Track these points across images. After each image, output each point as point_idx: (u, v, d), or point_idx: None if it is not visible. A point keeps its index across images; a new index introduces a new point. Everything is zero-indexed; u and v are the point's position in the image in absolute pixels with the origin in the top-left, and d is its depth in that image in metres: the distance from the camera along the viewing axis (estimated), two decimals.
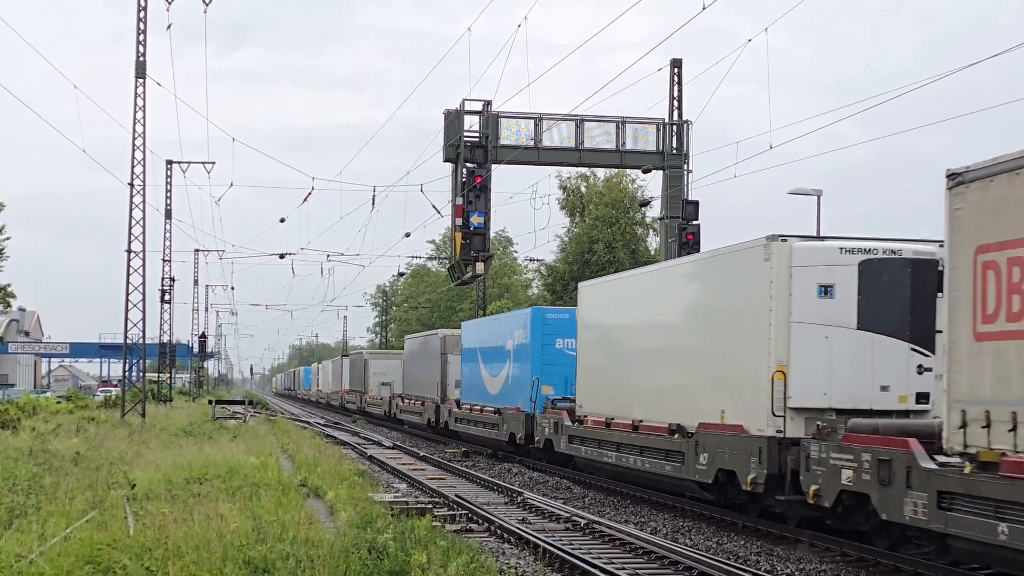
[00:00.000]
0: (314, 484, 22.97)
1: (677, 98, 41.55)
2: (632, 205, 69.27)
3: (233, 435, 36.18)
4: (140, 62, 42.54)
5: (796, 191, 33.85)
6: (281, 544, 13.20)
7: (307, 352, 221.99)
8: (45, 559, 12.07)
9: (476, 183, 39.19)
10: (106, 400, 62.33)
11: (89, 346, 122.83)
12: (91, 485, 19.96)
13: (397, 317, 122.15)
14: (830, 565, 17.25)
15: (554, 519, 21.81)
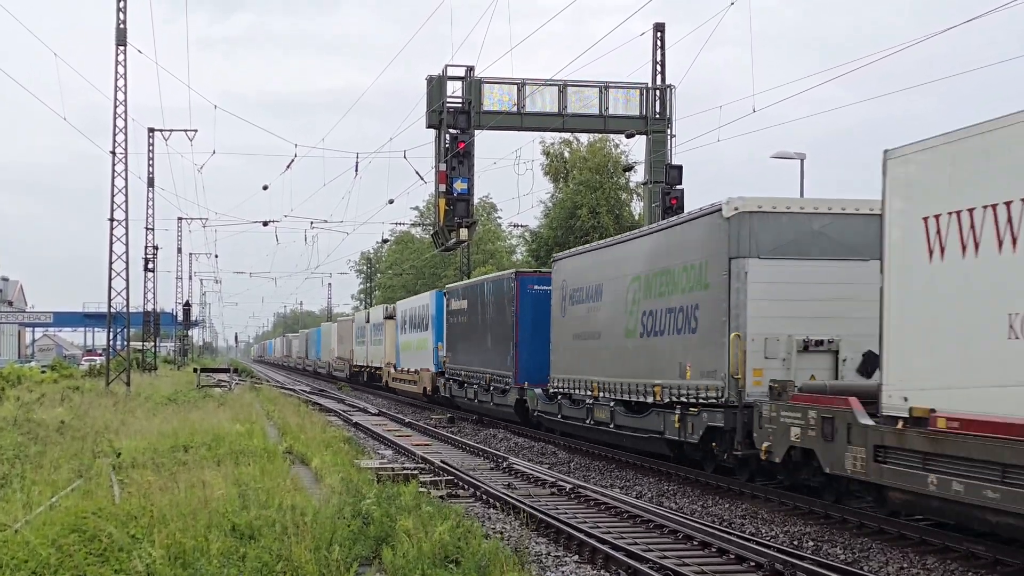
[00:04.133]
0: (299, 451, 23.01)
1: (660, 62, 41.44)
2: (616, 170, 69.18)
3: (219, 403, 36.18)
4: (121, 29, 42.24)
5: (779, 155, 33.84)
6: (266, 511, 13.23)
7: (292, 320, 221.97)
8: (31, 528, 12.07)
9: (459, 149, 39.09)
10: (91, 369, 62.17)
11: (73, 315, 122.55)
12: (76, 454, 19.96)
13: (381, 284, 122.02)
14: (814, 527, 17.37)
15: (539, 484, 21.89)
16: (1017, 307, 13.37)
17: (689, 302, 22.35)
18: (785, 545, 15.57)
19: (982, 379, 14.09)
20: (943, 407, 14.56)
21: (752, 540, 15.22)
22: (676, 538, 16.07)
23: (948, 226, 14.63)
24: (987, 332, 13.88)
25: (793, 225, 20.62)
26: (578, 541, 15.49)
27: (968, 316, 14.34)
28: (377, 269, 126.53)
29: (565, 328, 30.46)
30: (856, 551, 15.54)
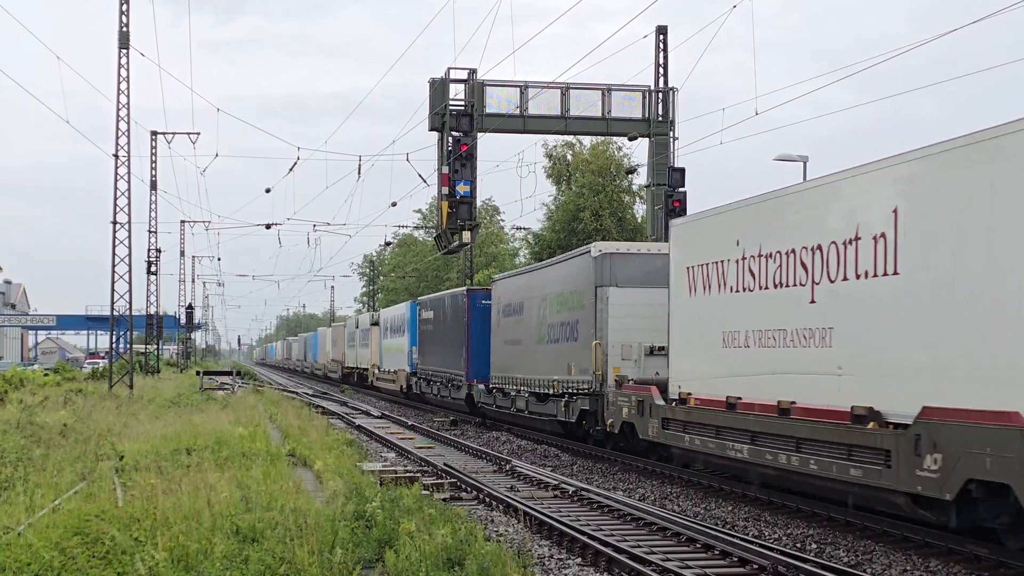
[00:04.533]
0: (302, 454, 23.03)
1: (663, 65, 41.48)
2: (618, 173, 69.20)
3: (221, 406, 36.19)
4: (123, 32, 42.31)
5: (782, 157, 33.80)
6: (269, 513, 13.23)
7: (294, 323, 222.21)
8: (34, 531, 12.08)
9: (462, 152, 39.12)
10: (93, 372, 62.22)
11: (76, 318, 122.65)
12: (79, 457, 19.97)
13: (384, 287, 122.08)
14: (817, 530, 17.36)
15: (542, 487, 21.88)
16: (726, 327, 20.94)
17: (573, 318, 29.73)
18: (788, 548, 15.57)
19: (711, 373, 21.54)
20: (695, 392, 22.07)
21: (755, 542, 15.21)
22: (679, 540, 16.06)
23: (696, 273, 22.30)
24: (713, 343, 21.40)
25: (640, 263, 27.62)
26: (581, 544, 15.48)
27: (705, 333, 21.89)
28: (380, 272, 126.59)
29: (500, 336, 38.06)
30: (859, 553, 15.53)
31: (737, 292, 20.67)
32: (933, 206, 15.30)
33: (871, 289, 16.65)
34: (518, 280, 37.12)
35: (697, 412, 21.58)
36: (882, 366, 16.36)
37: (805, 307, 18.34)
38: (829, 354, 17.64)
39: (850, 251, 17.15)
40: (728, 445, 20.18)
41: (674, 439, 22.61)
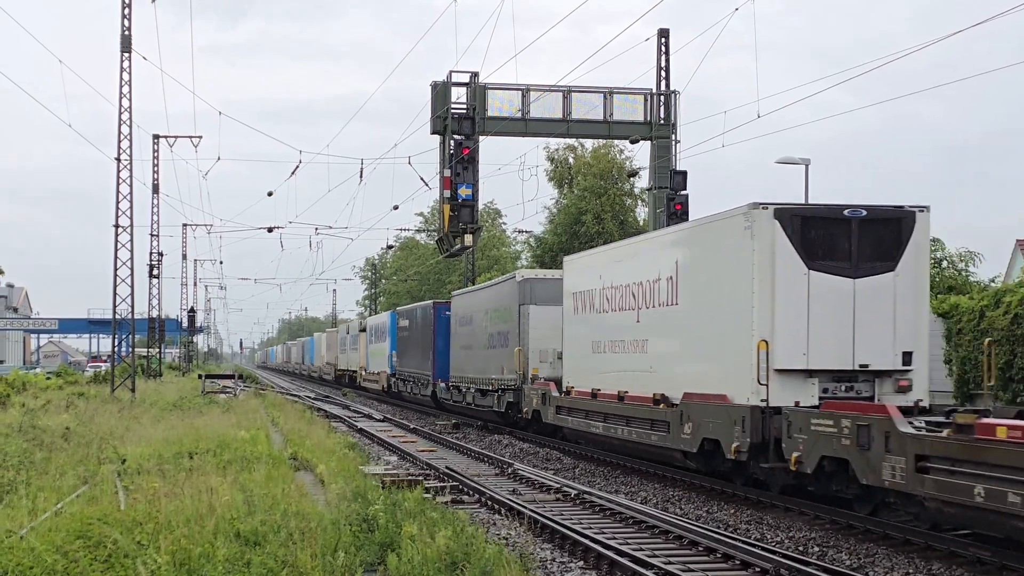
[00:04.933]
0: (304, 457, 23.02)
1: (664, 68, 41.50)
2: (620, 176, 69.20)
3: (223, 409, 36.20)
4: (125, 36, 42.36)
5: (784, 160, 33.82)
6: (272, 517, 13.23)
7: (296, 326, 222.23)
8: (36, 534, 12.08)
9: (464, 155, 39.14)
10: (96, 375, 62.30)
11: (78, 322, 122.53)
12: (81, 460, 19.97)
13: (386, 290, 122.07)
14: (819, 533, 17.35)
15: (544, 490, 21.88)
16: (593, 338, 27.99)
17: (504, 329, 36.37)
18: (790, 551, 15.56)
19: (584, 372, 28.71)
20: (576, 386, 29.11)
21: (757, 545, 15.21)
22: (681, 543, 16.06)
23: (577, 298, 29.48)
24: (586, 350, 28.49)
25: (554, 286, 32.97)
26: (583, 547, 15.48)
27: (582, 342, 28.88)
28: (382, 275, 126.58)
29: (456, 342, 44.26)
30: (861, 556, 15.53)
31: (599, 313, 27.87)
32: (693, 260, 22.77)
33: (665, 314, 23.93)
34: (469, 296, 44.28)
35: (575, 400, 29.06)
36: (669, 366, 23.75)
37: (633, 325, 25.59)
38: (645, 358, 24.98)
39: (655, 287, 24.34)
40: (592, 424, 27.70)
41: (562, 421, 30.14)
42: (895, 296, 20.03)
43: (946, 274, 41.54)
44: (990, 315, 30.38)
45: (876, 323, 19.91)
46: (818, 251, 19.82)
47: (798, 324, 19.70)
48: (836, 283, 19.80)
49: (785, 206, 19.99)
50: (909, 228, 20.30)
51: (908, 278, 20.20)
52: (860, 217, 20.07)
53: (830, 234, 19.92)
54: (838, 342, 19.81)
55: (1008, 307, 29.83)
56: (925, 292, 20.97)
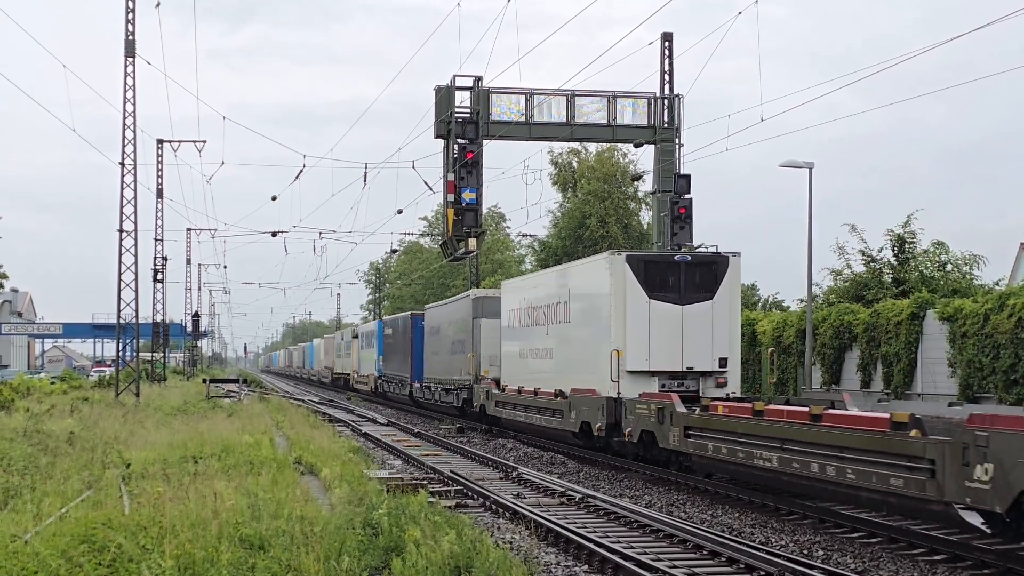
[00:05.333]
0: (309, 461, 23.02)
1: (668, 72, 41.52)
2: (624, 179, 69.21)
3: (228, 413, 36.21)
4: (129, 41, 42.38)
5: (788, 164, 33.80)
6: (276, 521, 13.22)
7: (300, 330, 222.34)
8: (40, 539, 12.08)
9: (468, 159, 39.15)
10: (100, 380, 62.23)
11: (82, 326, 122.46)
12: (86, 465, 19.98)
13: (390, 294, 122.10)
14: (824, 536, 17.34)
15: (549, 494, 21.88)
16: (521, 347, 34.88)
17: (462, 337, 42.72)
18: (795, 554, 15.55)
19: (515, 373, 35.44)
20: (509, 384, 35.71)
21: (762, 549, 15.20)
22: (686, 547, 16.05)
23: (511, 314, 36.28)
24: (516, 356, 35.65)
25: (499, 303, 38.75)
26: (588, 551, 15.48)
27: (514, 349, 36.02)
28: (386, 279, 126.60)
29: (429, 348, 50.17)
30: (866, 560, 15.51)
31: (523, 327, 35.01)
32: (577, 289, 30.30)
33: (562, 330, 31.27)
34: (438, 309, 50.33)
35: (508, 396, 35.78)
36: (565, 369, 30.86)
37: (544, 337, 32.92)
38: (552, 363, 32.24)
39: (557, 309, 31.66)
40: (517, 414, 34.63)
41: (498, 412, 36.80)
42: (712, 318, 27.10)
43: (950, 277, 41.53)
44: (994, 318, 30.37)
45: (699, 337, 26.99)
46: (656, 285, 26.93)
47: (642, 338, 26.81)
48: (669, 308, 26.93)
49: (633, 253, 27.81)
50: (724, 268, 27.31)
51: (723, 305, 27.19)
52: (686, 261, 27.38)
53: (665, 273, 27.02)
54: (671, 351, 26.92)
55: (1013, 310, 29.81)
56: (737, 315, 27.84)
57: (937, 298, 35.08)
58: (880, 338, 35.55)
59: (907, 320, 34.26)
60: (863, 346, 36.43)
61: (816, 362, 38.03)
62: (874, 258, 43.49)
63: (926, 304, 34.10)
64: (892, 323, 34.92)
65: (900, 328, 34.48)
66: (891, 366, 34.92)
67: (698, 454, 22.38)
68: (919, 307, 34.15)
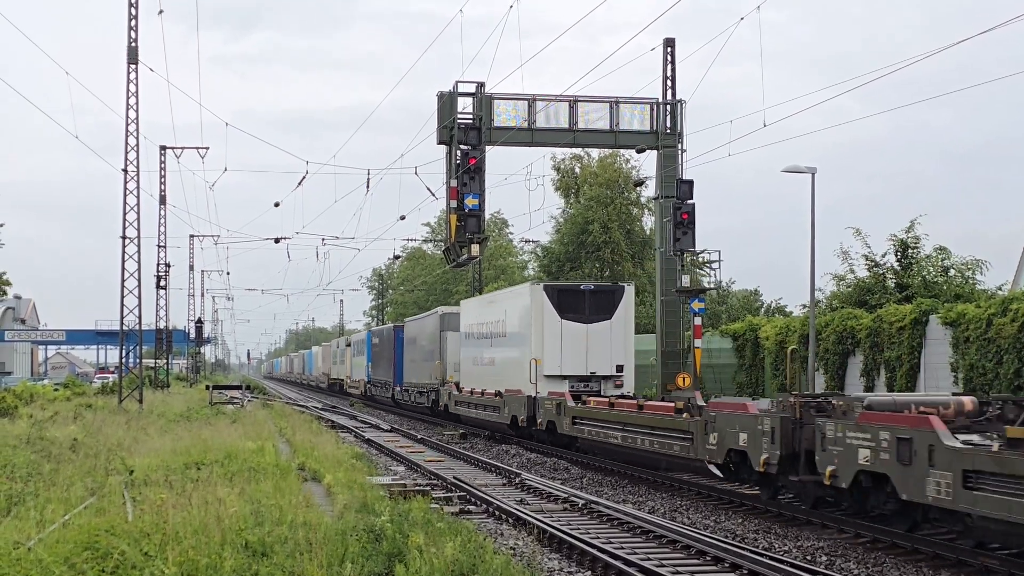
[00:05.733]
0: (312, 468, 22.99)
1: (670, 77, 41.50)
2: (626, 185, 69.21)
3: (231, 420, 36.20)
4: (132, 48, 42.39)
5: (790, 169, 33.78)
6: (279, 528, 13.23)
7: (304, 337, 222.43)
8: (43, 546, 12.09)
9: (470, 165, 39.15)
10: (103, 387, 62.27)
11: (85, 333, 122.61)
12: (89, 472, 19.97)
13: (393, 300, 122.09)
14: (827, 542, 17.33)
15: (552, 499, 21.87)
16: (477, 356, 42.25)
17: (433, 348, 49.67)
18: (799, 560, 15.54)
19: (470, 377, 43.19)
20: (465, 386, 43.06)
21: (765, 555, 15.18)
22: (689, 553, 16.04)
23: (468, 328, 44.12)
24: (470, 363, 43.67)
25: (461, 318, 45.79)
26: (591, 557, 15.47)
27: (469, 358, 43.95)
28: (389, 286, 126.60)
29: (407, 356, 57.06)
30: (870, 565, 15.50)
31: (476, 339, 42.64)
32: (510, 310, 37.58)
33: (502, 342, 38.55)
34: (414, 323, 58.09)
35: (464, 396, 43.08)
36: (503, 373, 37.65)
37: (489, 348, 40.47)
38: (494, 370, 39.36)
39: (498, 325, 39.09)
40: (471, 411, 41.84)
41: (457, 410, 44.23)
42: (611, 334, 34.67)
43: (953, 282, 41.51)
44: (997, 323, 30.35)
45: (600, 349, 34.58)
46: (567, 309, 34.76)
47: (555, 349, 34.49)
48: (577, 327, 34.69)
49: (549, 284, 36.63)
50: (620, 295, 35.08)
51: (620, 324, 34.83)
52: (590, 290, 35.32)
53: (573, 299, 34.94)
54: (578, 359, 34.57)
55: (1016, 314, 29.79)
56: (631, 331, 35.28)
57: (940, 303, 35.07)
58: (883, 343, 35.53)
59: (910, 325, 34.24)
60: (866, 351, 36.41)
61: (819, 367, 38.02)
62: (877, 263, 43.50)
63: (929, 309, 34.09)
64: (895, 328, 34.91)
65: (903, 333, 34.46)
66: (894, 371, 34.90)
67: (580, 436, 30.33)
68: (922, 312, 34.14)
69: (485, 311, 41.77)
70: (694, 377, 37.42)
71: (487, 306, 41.95)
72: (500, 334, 38.83)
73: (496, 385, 38.08)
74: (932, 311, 33.90)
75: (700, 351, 39.38)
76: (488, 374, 40.11)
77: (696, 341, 39.21)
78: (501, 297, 40.82)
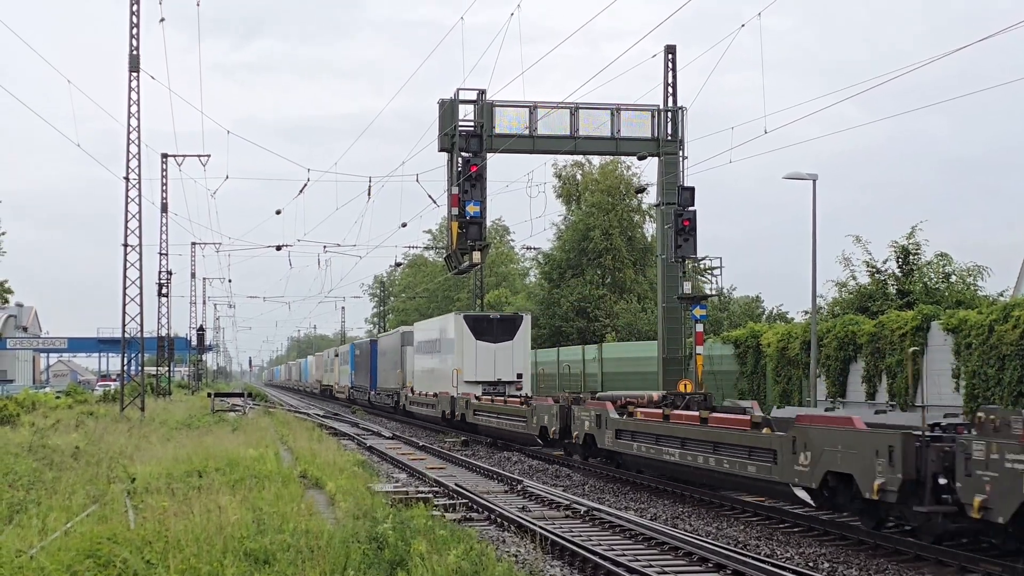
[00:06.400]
0: (314, 475, 22.99)
1: (672, 84, 41.55)
2: (628, 192, 69.28)
3: (233, 427, 36.20)
4: (133, 56, 42.46)
5: (792, 175, 33.82)
6: (281, 535, 13.23)
7: (305, 344, 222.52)
8: (46, 554, 12.10)
9: (472, 172, 39.19)
10: (105, 394, 62.28)
11: (87, 341, 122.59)
12: (91, 479, 19.99)
13: (395, 307, 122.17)
14: (829, 548, 17.32)
15: (554, 507, 21.85)
16: (424, 366, 52.48)
17: (396, 359, 59.56)
18: (800, 567, 15.52)
19: (420, 382, 52.79)
20: (417, 389, 52.78)
21: (767, 561, 15.17)
22: (691, 560, 16.02)
23: (418, 345, 54.44)
24: (420, 372, 53.62)
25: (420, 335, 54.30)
26: (593, 564, 15.46)
27: (420, 368, 53.63)
28: (390, 293, 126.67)
29: (380, 366, 67.10)
30: (871, 572, 15.49)
31: (423, 354, 51.90)
32: (443, 331, 47.59)
33: (437, 356, 48.68)
34: (385, 338, 68.82)
35: (415, 397, 52.12)
36: (438, 380, 47.42)
37: (431, 360, 49.82)
38: (432, 376, 49.01)
39: (435, 343, 48.92)
40: (420, 408, 50.46)
41: (411, 409, 53.71)
42: (512, 351, 44.15)
43: (955, 289, 41.50)
44: (999, 329, 30.33)
45: (505, 362, 44.03)
46: (480, 331, 44.03)
47: (472, 362, 44.07)
48: (487, 345, 44.08)
49: (468, 314, 45.98)
50: (520, 322, 44.76)
51: (519, 343, 44.34)
52: (497, 318, 45.44)
53: (485, 325, 44.45)
54: (488, 369, 43.95)
55: (1018, 321, 29.77)
56: (527, 349, 45.37)
57: (942, 309, 35.06)
58: (885, 349, 35.52)
59: (911, 332, 34.23)
60: (868, 357, 36.40)
61: (821, 374, 38.01)
62: (879, 270, 43.50)
63: (930, 316, 34.08)
64: (897, 335, 34.90)
65: (905, 340, 34.45)
66: (895, 377, 34.88)
67: (478, 423, 40.19)
68: (924, 319, 34.13)
69: (428, 332, 52.42)
70: (696, 384, 37.45)
71: (429, 329, 52.73)
72: (437, 350, 48.99)
73: (433, 389, 48.11)
74: (934, 317, 33.89)
75: (702, 358, 39.42)
76: (429, 379, 50.35)
77: (698, 348, 39.24)
78: (437, 322, 51.23)
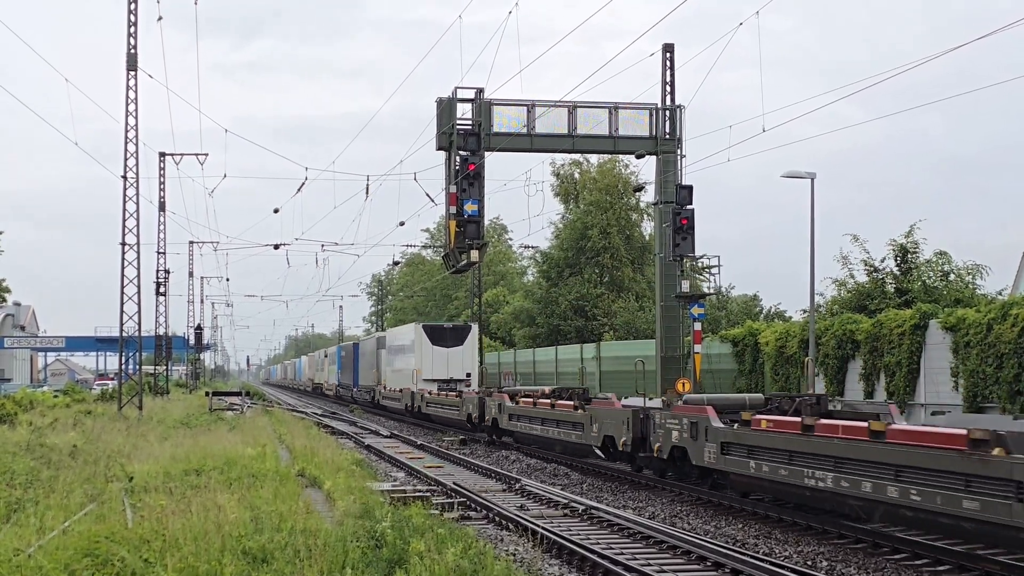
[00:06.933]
0: (312, 474, 22.96)
1: (669, 83, 41.51)
2: (626, 190, 69.24)
3: (231, 426, 36.17)
4: (131, 54, 42.39)
5: (790, 174, 33.80)
6: (279, 534, 13.21)
7: (303, 343, 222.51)
8: (43, 552, 12.08)
9: (469, 171, 39.15)
10: (103, 393, 62.14)
11: (85, 340, 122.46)
12: (89, 478, 19.96)
13: (393, 306, 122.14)
14: (828, 547, 17.31)
15: (552, 505, 21.85)
16: (394, 367, 62.12)
17: (373, 361, 69.62)
18: (799, 565, 15.51)
19: (392, 380, 62.28)
20: (389, 386, 62.66)
21: (766, 560, 15.16)
22: (689, 559, 16.02)
23: (390, 348, 63.74)
24: (392, 371, 62.91)
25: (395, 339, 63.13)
26: (591, 562, 15.45)
27: (392, 368, 62.72)
28: (388, 292, 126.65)
29: (361, 366, 74.90)
30: (870, 571, 15.48)
31: (393, 356, 61.46)
32: (404, 339, 58.68)
33: (403, 357, 58.42)
34: (365, 342, 78.93)
35: (386, 392, 61.81)
36: (403, 378, 57.89)
37: (399, 361, 59.56)
38: (399, 375, 59.30)
39: (401, 348, 58.94)
40: (390, 402, 60.16)
41: (384, 403, 62.18)
42: (462, 355, 52.96)
43: (953, 287, 41.49)
44: (997, 328, 30.31)
45: (457, 363, 52.54)
46: (436, 338, 53.16)
47: (428, 363, 52.46)
48: (442, 350, 52.83)
49: (426, 324, 55.33)
50: (468, 331, 53.92)
51: (468, 348, 53.36)
52: (450, 327, 54.67)
53: (440, 333, 53.63)
54: (442, 369, 52.29)
55: (1016, 320, 29.76)
56: (475, 352, 54.46)
57: (940, 308, 35.04)
58: (883, 348, 35.51)
59: (910, 330, 34.22)
60: (866, 356, 36.38)
61: (819, 372, 37.98)
62: (877, 268, 43.49)
63: (929, 314, 34.06)
64: (895, 333, 34.89)
65: (903, 338, 34.44)
66: (893, 376, 34.87)
67: (430, 414, 49.38)
68: (922, 317, 34.11)
69: (397, 338, 61.80)
70: (694, 382, 37.43)
71: (398, 335, 62.24)
72: (403, 353, 57.68)
73: (400, 386, 57.43)
74: (932, 316, 33.87)
75: (700, 356, 39.39)
76: (396, 378, 59.72)
77: (696, 346, 39.21)
78: (402, 330, 61.20)
